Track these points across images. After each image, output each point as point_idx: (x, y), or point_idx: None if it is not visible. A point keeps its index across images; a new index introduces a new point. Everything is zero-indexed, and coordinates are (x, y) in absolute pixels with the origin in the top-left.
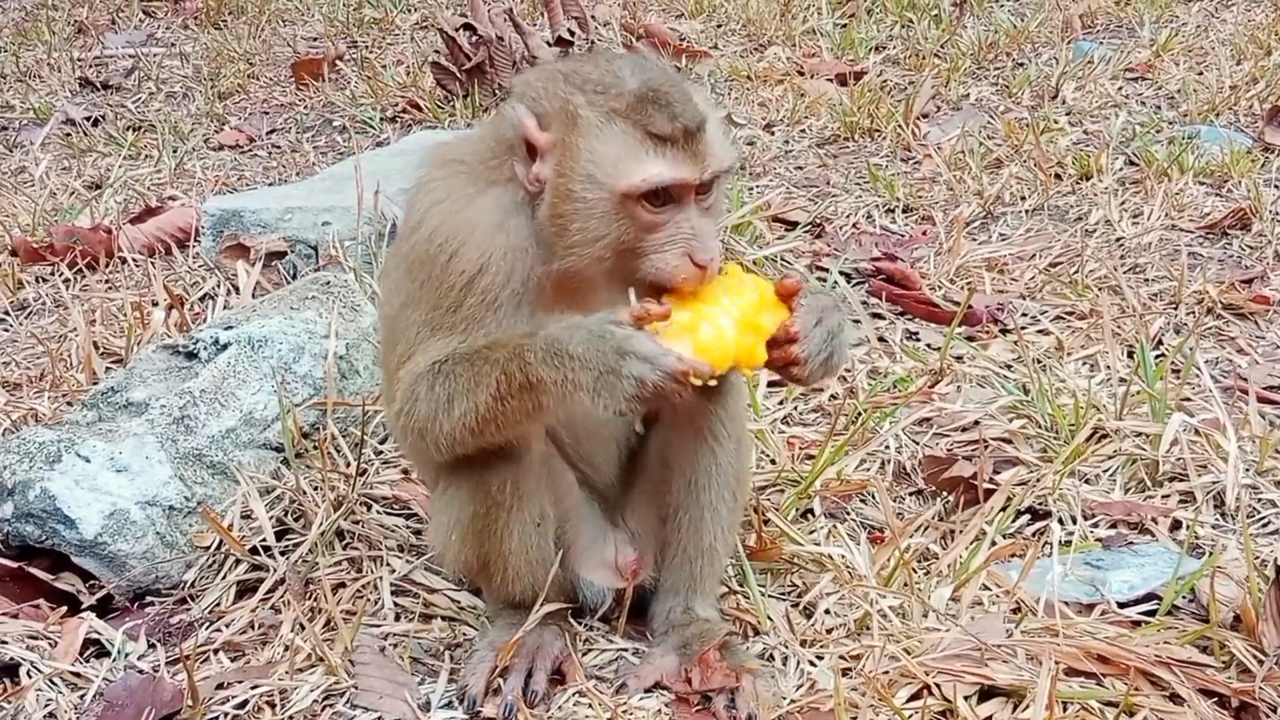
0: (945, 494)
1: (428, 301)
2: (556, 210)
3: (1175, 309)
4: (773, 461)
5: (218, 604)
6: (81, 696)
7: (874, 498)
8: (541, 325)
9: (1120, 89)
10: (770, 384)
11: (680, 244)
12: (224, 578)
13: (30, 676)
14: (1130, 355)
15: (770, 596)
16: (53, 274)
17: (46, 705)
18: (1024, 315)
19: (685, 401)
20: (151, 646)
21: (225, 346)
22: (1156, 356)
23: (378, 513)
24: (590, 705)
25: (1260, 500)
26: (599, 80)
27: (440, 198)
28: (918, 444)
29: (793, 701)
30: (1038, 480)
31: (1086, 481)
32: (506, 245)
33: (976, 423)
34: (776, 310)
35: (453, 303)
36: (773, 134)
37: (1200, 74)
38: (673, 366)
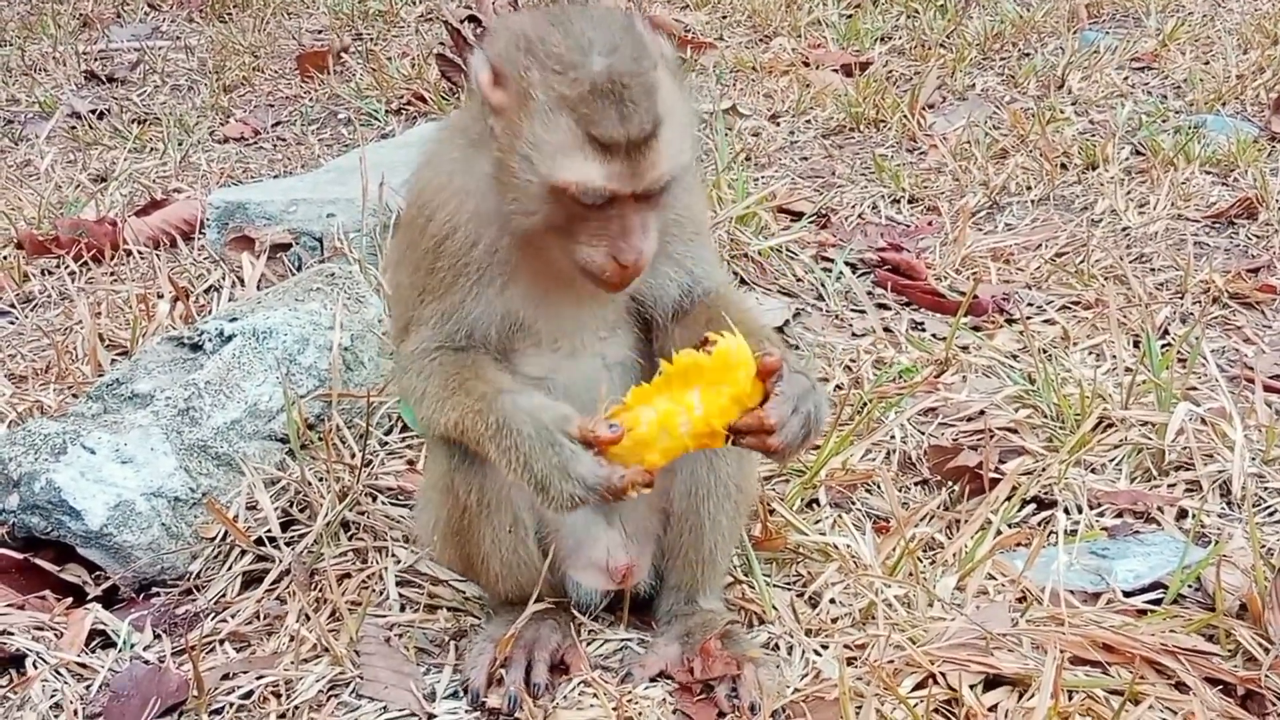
0: (950, 483)
1: (411, 263)
2: (498, 171)
3: (1181, 298)
4: None
5: (223, 595)
6: (87, 687)
7: (879, 487)
8: (519, 323)
9: (1126, 78)
10: None
11: (607, 242)
12: (229, 569)
13: (36, 667)
14: (1136, 345)
15: (775, 586)
16: (58, 267)
17: (52, 696)
18: (1030, 305)
19: None
20: (157, 637)
21: (230, 338)
22: (1162, 346)
23: (383, 504)
24: (595, 695)
25: (1266, 489)
26: (561, 55)
27: (429, 163)
28: (923, 434)
29: (797, 691)
30: (1043, 469)
31: (1092, 471)
32: (474, 210)
33: (982, 412)
34: (754, 392)
35: (429, 265)
36: (778, 125)
37: (1206, 63)
38: (616, 487)
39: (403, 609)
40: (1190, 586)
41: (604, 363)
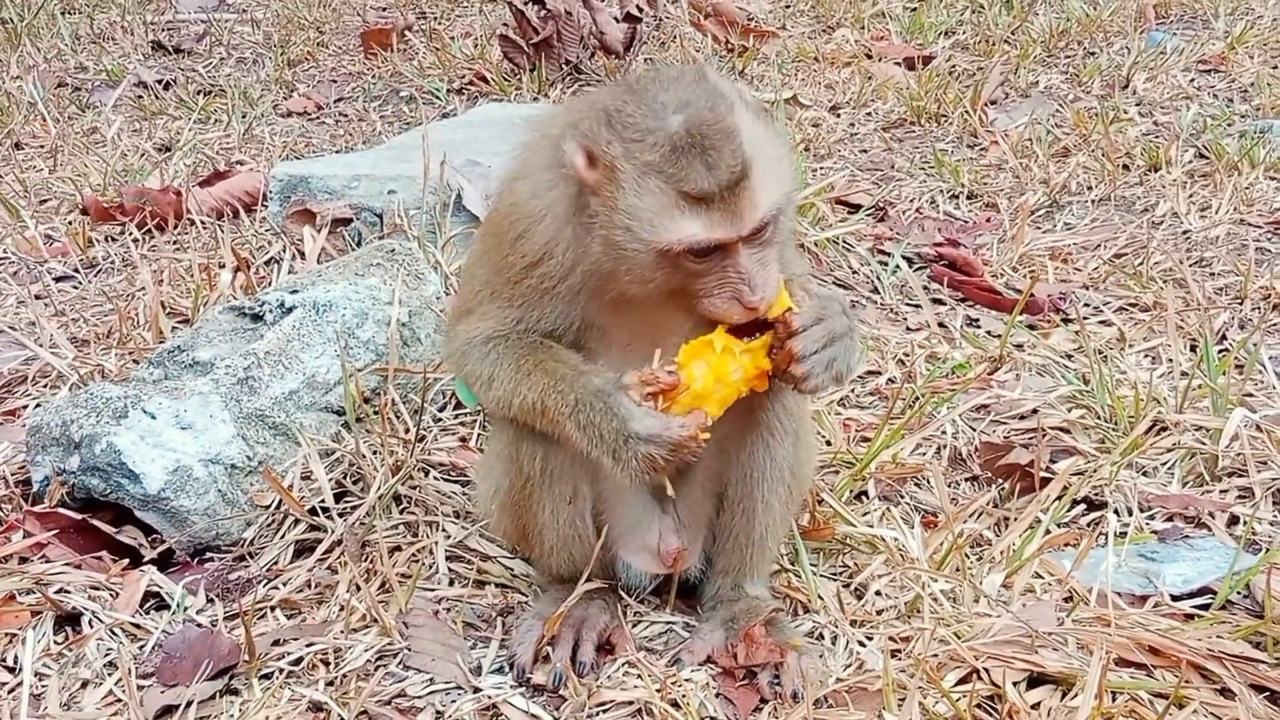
0: (1001, 481)
1: (492, 266)
2: (606, 248)
3: (1241, 304)
4: (828, 443)
5: (276, 562)
6: (141, 647)
7: (929, 482)
8: (593, 325)
9: (1192, 81)
10: None
11: (729, 289)
12: (283, 537)
13: (91, 626)
14: (1193, 349)
15: (822, 576)
16: (122, 233)
17: (107, 654)
18: (1086, 305)
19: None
20: (210, 601)
21: (290, 310)
22: (1220, 351)
23: (435, 479)
24: (640, 676)
25: None
26: (638, 123)
27: (524, 173)
28: (975, 430)
29: (840, 680)
30: (1094, 470)
31: (1144, 474)
32: (572, 240)
33: (1035, 411)
34: None
35: (513, 278)
36: (839, 116)
37: (1275, 68)
38: (676, 438)
39: (451, 583)
40: (1239, 593)
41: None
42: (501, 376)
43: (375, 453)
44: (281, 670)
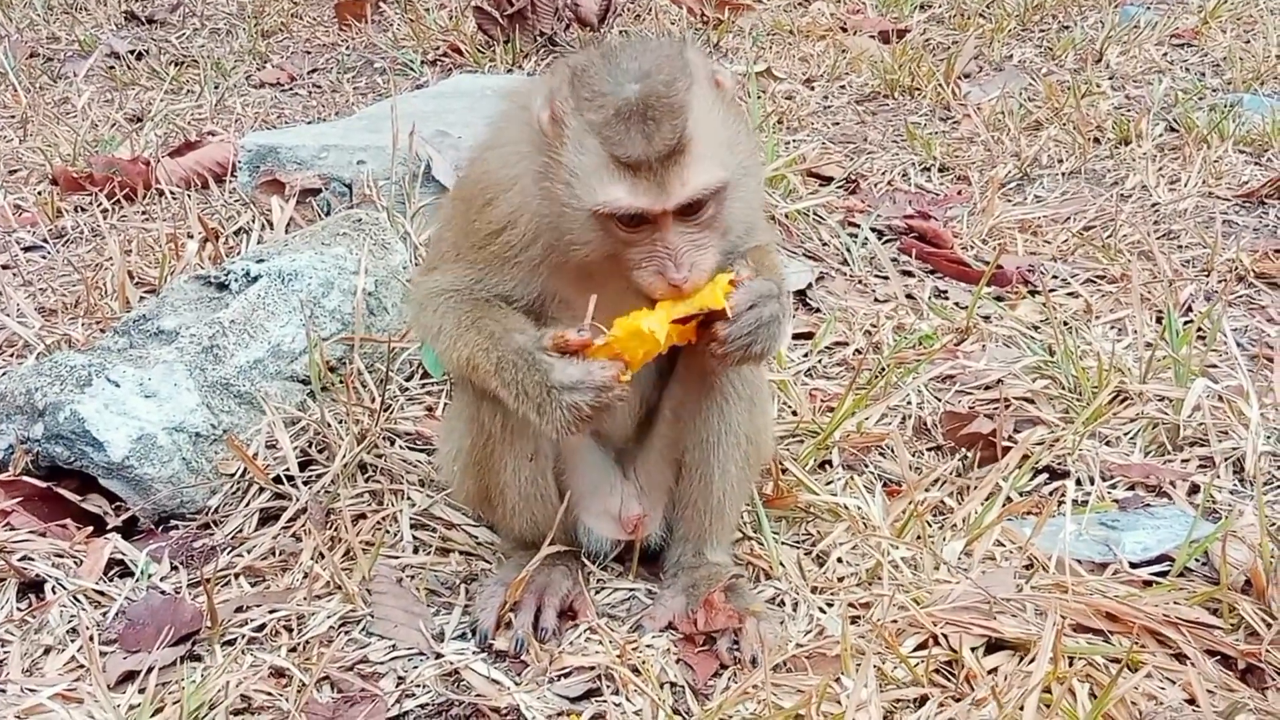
0: (964, 450)
1: (459, 230)
2: (550, 204)
3: (1207, 276)
4: (794, 413)
5: (240, 530)
6: (104, 614)
7: (892, 451)
8: (555, 296)
9: (1165, 54)
10: (795, 336)
11: (654, 263)
12: (247, 505)
13: (55, 593)
14: (1159, 321)
15: (784, 543)
16: (91, 204)
17: (70, 621)
18: (1054, 277)
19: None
20: (174, 568)
21: (256, 279)
22: (1185, 322)
23: (400, 448)
24: (601, 642)
25: None
26: (596, 85)
27: (496, 143)
28: (940, 400)
29: (799, 646)
30: (1057, 440)
31: (1107, 443)
32: (535, 212)
33: (1000, 381)
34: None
35: (477, 243)
36: (812, 89)
37: (1247, 42)
38: (598, 381)
39: (416, 551)
40: (1198, 561)
41: None
42: (446, 329)
43: (340, 421)
44: (244, 636)
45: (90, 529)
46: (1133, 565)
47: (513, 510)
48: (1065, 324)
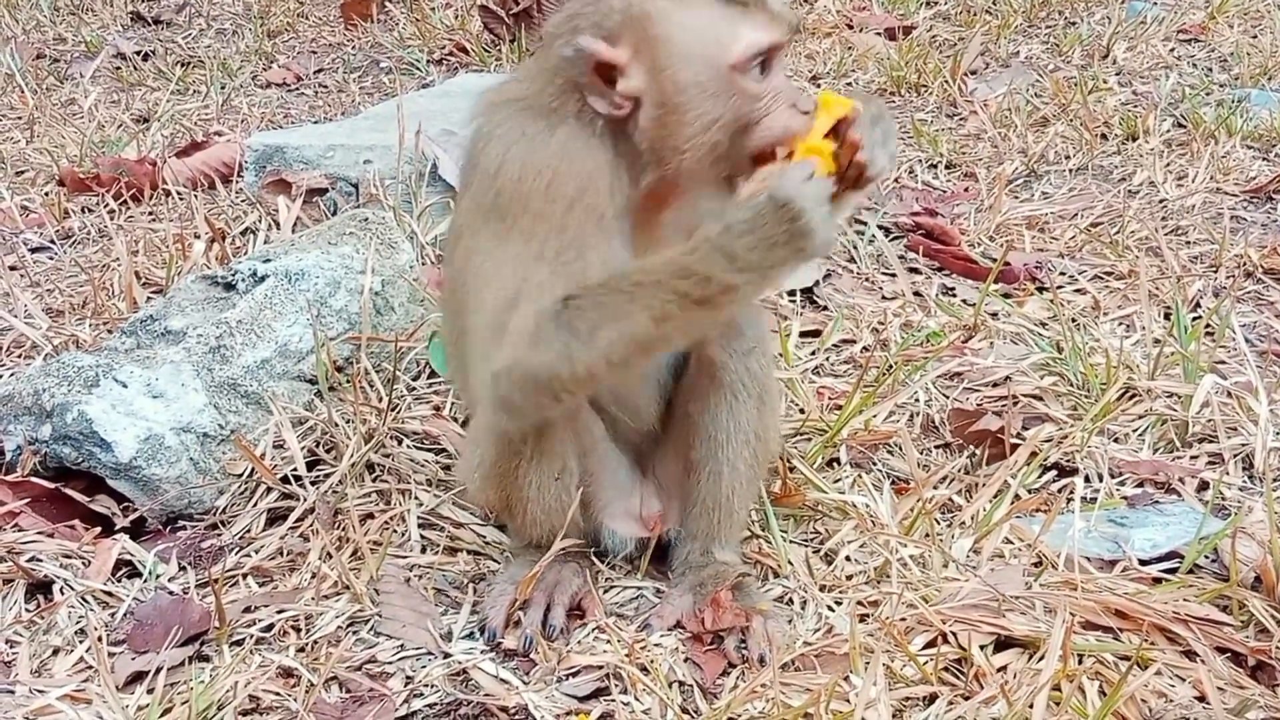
0: (972, 448)
1: (526, 232)
2: (662, 112)
3: (1215, 272)
4: (801, 410)
5: (248, 530)
6: (112, 614)
7: (900, 449)
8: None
9: (1172, 50)
10: (802, 334)
11: (784, 99)
12: (255, 505)
13: (63, 594)
14: (1167, 317)
15: (792, 542)
16: (98, 204)
17: (78, 622)
18: (1062, 274)
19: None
20: (182, 569)
21: (263, 279)
22: (1193, 318)
23: (408, 447)
24: (609, 640)
25: None
26: None
27: (514, 139)
28: (947, 397)
29: (808, 644)
30: (1065, 437)
31: (1115, 440)
32: (598, 166)
33: (1008, 378)
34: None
35: (558, 225)
36: (819, 87)
37: (1255, 37)
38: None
39: (423, 551)
40: (1207, 557)
41: None
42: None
43: (348, 421)
44: (252, 636)
45: (98, 530)
46: (1142, 562)
47: (533, 520)
48: (1073, 321)
